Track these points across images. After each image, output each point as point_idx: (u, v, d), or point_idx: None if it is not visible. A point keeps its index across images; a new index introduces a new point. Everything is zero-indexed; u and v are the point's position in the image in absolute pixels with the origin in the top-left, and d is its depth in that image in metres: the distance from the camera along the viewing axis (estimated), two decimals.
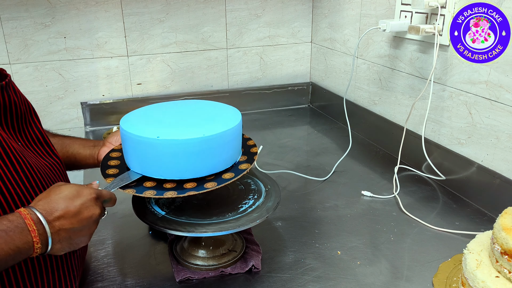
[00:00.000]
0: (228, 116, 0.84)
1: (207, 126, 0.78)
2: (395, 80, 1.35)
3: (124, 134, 0.79)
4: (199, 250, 0.87)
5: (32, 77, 1.55)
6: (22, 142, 0.70)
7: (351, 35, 1.56)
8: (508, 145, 1.00)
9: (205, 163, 0.77)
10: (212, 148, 0.76)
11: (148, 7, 1.60)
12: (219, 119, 0.82)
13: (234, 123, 0.80)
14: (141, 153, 0.77)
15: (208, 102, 0.93)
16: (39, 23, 1.50)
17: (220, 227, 0.78)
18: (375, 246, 0.93)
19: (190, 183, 0.77)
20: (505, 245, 0.68)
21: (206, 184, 0.76)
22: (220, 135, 0.77)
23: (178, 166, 0.76)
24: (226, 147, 0.79)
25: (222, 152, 0.78)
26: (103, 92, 1.65)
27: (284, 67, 1.86)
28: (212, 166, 0.78)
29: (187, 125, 0.80)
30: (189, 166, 0.76)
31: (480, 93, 1.05)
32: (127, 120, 0.82)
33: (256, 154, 0.86)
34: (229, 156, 0.81)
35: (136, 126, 0.78)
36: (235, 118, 0.82)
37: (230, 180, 0.77)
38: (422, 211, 1.06)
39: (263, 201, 0.86)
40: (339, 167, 1.28)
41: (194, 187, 0.76)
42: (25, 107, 0.72)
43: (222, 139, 0.77)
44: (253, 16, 1.74)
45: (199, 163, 0.76)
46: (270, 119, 1.75)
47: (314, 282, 0.83)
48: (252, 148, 0.90)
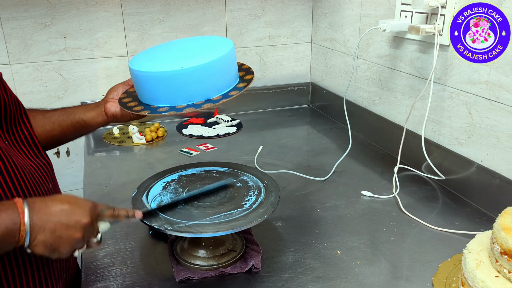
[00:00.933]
0: (220, 44, 0.89)
1: (215, 51, 0.83)
2: (395, 80, 1.35)
3: (146, 75, 0.81)
4: (199, 250, 0.87)
5: (32, 77, 1.55)
6: (9, 141, 0.70)
7: (351, 35, 1.56)
8: (508, 145, 1.00)
9: (224, 79, 0.84)
10: (223, 67, 0.83)
11: (148, 7, 1.60)
12: (218, 45, 0.87)
13: (228, 47, 0.86)
14: (166, 86, 0.80)
15: (199, 37, 0.99)
16: (39, 23, 1.50)
17: (219, 227, 0.78)
18: (375, 246, 0.93)
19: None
20: (505, 245, 0.68)
21: (230, 93, 0.83)
22: (226, 55, 0.83)
23: (199, 89, 0.81)
24: (233, 63, 0.87)
25: (230, 71, 0.85)
26: (103, 92, 1.65)
27: (284, 67, 1.86)
28: (229, 80, 0.85)
29: (197, 54, 0.85)
30: (212, 85, 0.82)
31: (480, 93, 1.05)
32: (139, 63, 0.85)
33: (250, 68, 0.93)
34: (236, 72, 0.89)
35: (152, 64, 0.82)
36: (227, 44, 0.88)
37: (246, 86, 0.85)
38: (422, 211, 1.06)
39: (265, 197, 0.87)
40: (339, 167, 1.28)
41: (221, 98, 0.82)
42: (14, 106, 0.72)
43: (228, 60, 0.84)
44: (253, 16, 1.74)
45: (219, 80, 0.83)
46: (270, 119, 1.75)
47: (314, 282, 0.83)
48: (243, 66, 0.95)
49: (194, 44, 0.92)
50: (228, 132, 1.60)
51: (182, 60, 0.81)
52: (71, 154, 1.68)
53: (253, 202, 0.86)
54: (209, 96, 0.81)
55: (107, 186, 1.21)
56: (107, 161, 1.38)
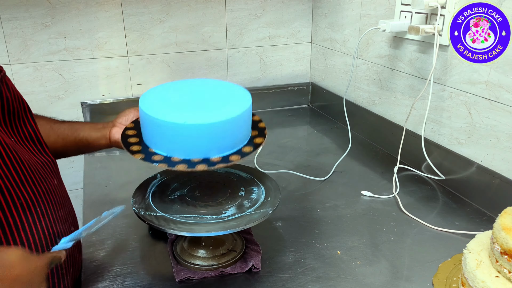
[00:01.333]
0: (239, 97, 0.86)
1: (227, 107, 0.80)
2: (395, 80, 1.35)
3: (149, 119, 0.79)
4: (199, 250, 0.87)
5: (32, 77, 1.55)
6: (14, 138, 0.70)
7: (351, 35, 1.56)
8: (508, 145, 1.00)
9: (228, 141, 0.80)
10: (234, 127, 0.80)
11: (148, 7, 1.60)
12: (234, 100, 0.84)
13: (247, 104, 0.82)
14: (165, 135, 0.77)
15: (218, 81, 0.94)
16: (39, 23, 1.50)
17: (219, 227, 0.78)
18: (375, 246, 0.93)
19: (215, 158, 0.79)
20: (505, 245, 0.68)
21: (231, 157, 0.79)
22: (240, 115, 0.79)
23: (205, 145, 0.78)
24: (244, 125, 0.83)
25: (242, 130, 0.82)
26: (103, 93, 1.65)
27: (284, 67, 1.86)
28: (235, 143, 0.81)
29: (208, 107, 0.81)
30: (214, 145, 0.78)
31: (479, 93, 1.05)
32: (148, 102, 0.83)
33: (265, 129, 0.90)
34: (246, 133, 0.84)
35: (158, 108, 0.79)
36: (247, 98, 0.85)
37: (250, 153, 0.81)
38: (422, 211, 1.06)
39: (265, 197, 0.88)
40: (339, 167, 1.28)
41: (220, 161, 0.78)
42: (18, 104, 0.72)
43: (242, 118, 0.80)
44: (253, 16, 1.74)
45: (223, 142, 0.79)
46: (270, 119, 1.75)
47: (314, 282, 0.83)
48: (259, 124, 0.92)
49: (211, 92, 0.87)
50: None
51: (189, 112, 0.78)
52: None
53: (253, 202, 0.86)
54: (208, 156, 0.78)
55: (107, 186, 1.21)
56: (107, 161, 1.38)
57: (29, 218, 0.65)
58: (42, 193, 0.69)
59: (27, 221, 0.65)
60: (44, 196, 0.70)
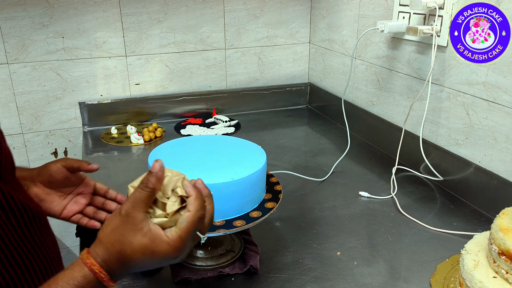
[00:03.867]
0: (254, 156, 0.86)
1: (236, 167, 0.80)
2: (393, 81, 1.36)
3: None
4: (197, 251, 0.87)
5: (30, 77, 1.54)
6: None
7: (349, 36, 1.56)
8: (506, 146, 1.00)
9: (233, 205, 0.79)
10: (242, 189, 0.79)
11: (146, 7, 1.60)
12: (246, 160, 0.84)
13: (261, 163, 0.82)
14: None
15: (231, 138, 0.94)
16: (37, 22, 1.50)
17: (218, 227, 0.78)
18: (373, 247, 0.93)
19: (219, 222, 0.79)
20: (503, 245, 0.68)
21: (235, 222, 0.78)
22: (250, 176, 0.79)
23: None
24: (255, 187, 0.81)
25: (251, 192, 0.81)
26: (101, 92, 1.65)
27: (282, 67, 1.86)
28: (241, 207, 0.81)
29: (216, 167, 0.81)
30: (219, 208, 0.77)
31: (477, 94, 1.06)
32: (158, 153, 0.83)
33: (281, 193, 0.88)
34: (257, 196, 0.83)
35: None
36: (261, 158, 0.84)
37: (259, 219, 0.79)
38: (419, 212, 1.06)
39: None
40: (337, 168, 1.28)
41: (223, 225, 0.78)
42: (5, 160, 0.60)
43: (251, 180, 0.80)
44: (251, 16, 1.74)
45: (228, 205, 0.78)
46: (268, 120, 1.75)
47: (312, 282, 0.83)
48: (276, 186, 0.91)
49: (224, 154, 0.86)
50: (227, 132, 1.60)
51: (193, 173, 0.77)
52: (69, 154, 1.67)
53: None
54: None
55: None
56: (105, 161, 1.38)
57: (39, 274, 0.58)
58: (44, 241, 0.61)
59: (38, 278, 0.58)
60: (45, 245, 0.61)
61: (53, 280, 0.51)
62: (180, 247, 0.53)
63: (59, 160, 0.76)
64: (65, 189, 0.77)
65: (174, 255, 0.53)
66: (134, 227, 0.52)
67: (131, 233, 0.52)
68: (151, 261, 0.53)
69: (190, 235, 0.53)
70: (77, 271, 0.51)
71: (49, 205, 0.75)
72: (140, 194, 0.53)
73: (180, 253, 0.53)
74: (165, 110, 1.72)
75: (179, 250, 0.53)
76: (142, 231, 0.52)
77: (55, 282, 0.50)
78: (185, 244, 0.53)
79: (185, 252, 0.55)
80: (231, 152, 0.87)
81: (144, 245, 0.52)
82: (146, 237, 0.52)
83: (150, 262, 0.53)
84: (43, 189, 0.75)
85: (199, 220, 0.54)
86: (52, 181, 0.74)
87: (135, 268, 0.54)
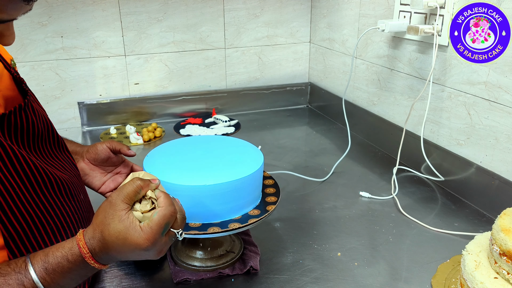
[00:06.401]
0: (251, 157, 0.85)
1: (236, 168, 0.80)
2: (394, 80, 1.35)
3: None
4: (197, 251, 0.86)
5: (29, 76, 1.54)
6: (41, 158, 0.68)
7: (350, 35, 1.55)
8: (507, 146, 1.00)
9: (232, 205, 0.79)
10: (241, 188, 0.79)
11: (146, 7, 1.59)
12: (242, 161, 0.83)
13: (258, 165, 0.82)
14: None
15: (227, 139, 0.94)
16: (36, 22, 1.49)
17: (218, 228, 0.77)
18: (373, 247, 0.93)
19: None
20: (504, 246, 0.67)
21: (230, 224, 0.78)
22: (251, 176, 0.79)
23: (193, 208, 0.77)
24: (252, 188, 0.82)
25: (249, 192, 0.81)
26: (100, 92, 1.64)
27: (282, 67, 1.86)
28: (240, 207, 0.81)
29: (215, 168, 0.81)
30: (215, 209, 0.78)
31: (479, 94, 1.05)
32: (155, 155, 0.83)
33: (280, 193, 0.89)
34: (256, 196, 0.84)
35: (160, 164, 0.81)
36: (258, 159, 0.84)
37: (258, 217, 0.79)
38: (420, 212, 1.06)
39: None
40: (337, 168, 1.28)
41: (219, 223, 0.78)
42: (43, 125, 0.70)
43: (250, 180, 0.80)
44: (251, 15, 1.73)
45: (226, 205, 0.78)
46: (269, 120, 1.75)
47: (313, 283, 0.82)
48: (267, 188, 0.91)
49: (223, 156, 0.85)
50: (226, 132, 1.59)
51: (188, 176, 0.77)
52: None
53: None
54: (206, 220, 0.78)
55: None
56: None
57: (58, 239, 0.64)
58: (71, 212, 0.68)
59: (57, 241, 0.64)
60: (72, 215, 0.68)
61: (52, 246, 0.58)
62: (150, 238, 0.58)
63: (105, 141, 0.87)
64: (107, 168, 0.88)
65: (145, 245, 0.57)
66: (115, 213, 0.58)
67: (111, 217, 0.58)
68: (124, 247, 0.58)
69: (161, 228, 0.59)
70: (68, 242, 0.58)
71: (91, 179, 0.86)
72: (129, 186, 0.60)
73: (152, 244, 0.58)
74: (164, 110, 1.71)
75: (150, 240, 0.58)
76: (120, 217, 0.58)
77: (51, 248, 0.58)
78: (156, 236, 0.58)
79: (159, 246, 0.59)
80: (227, 153, 0.86)
81: (119, 231, 0.57)
82: (122, 224, 0.58)
83: (124, 248, 0.58)
84: (89, 165, 0.86)
85: (170, 214, 0.60)
86: (97, 159, 0.86)
87: (114, 253, 0.58)
